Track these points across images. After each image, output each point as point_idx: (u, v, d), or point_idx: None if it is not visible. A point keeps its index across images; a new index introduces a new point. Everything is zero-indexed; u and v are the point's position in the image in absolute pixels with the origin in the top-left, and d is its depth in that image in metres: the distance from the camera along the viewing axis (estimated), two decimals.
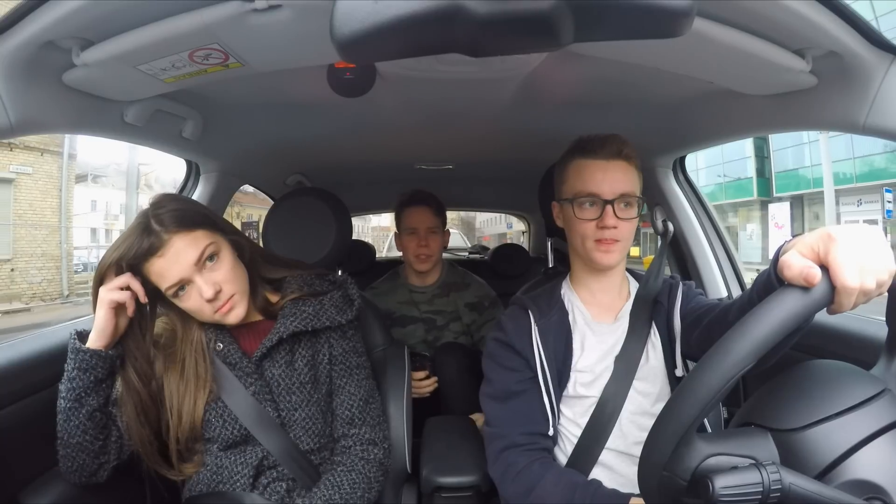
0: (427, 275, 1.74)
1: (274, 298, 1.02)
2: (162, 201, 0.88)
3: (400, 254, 1.80)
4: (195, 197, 1.40)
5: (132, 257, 0.83)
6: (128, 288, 0.85)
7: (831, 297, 0.49)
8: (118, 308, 0.85)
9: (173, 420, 0.91)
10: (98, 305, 0.84)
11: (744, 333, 0.49)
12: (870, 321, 1.01)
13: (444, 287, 1.77)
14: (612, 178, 0.93)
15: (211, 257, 0.87)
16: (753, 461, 0.50)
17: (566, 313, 1.00)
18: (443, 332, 1.74)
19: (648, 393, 0.94)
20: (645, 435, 0.54)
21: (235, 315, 0.90)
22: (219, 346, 0.96)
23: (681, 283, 1.01)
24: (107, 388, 0.87)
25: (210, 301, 0.86)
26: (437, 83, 1.03)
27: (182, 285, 0.86)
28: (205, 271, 0.87)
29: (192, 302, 0.88)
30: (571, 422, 0.96)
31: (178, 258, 0.84)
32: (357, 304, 1.05)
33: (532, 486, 0.86)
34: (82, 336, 0.86)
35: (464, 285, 1.78)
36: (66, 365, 0.84)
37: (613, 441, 0.92)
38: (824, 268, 0.49)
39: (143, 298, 0.86)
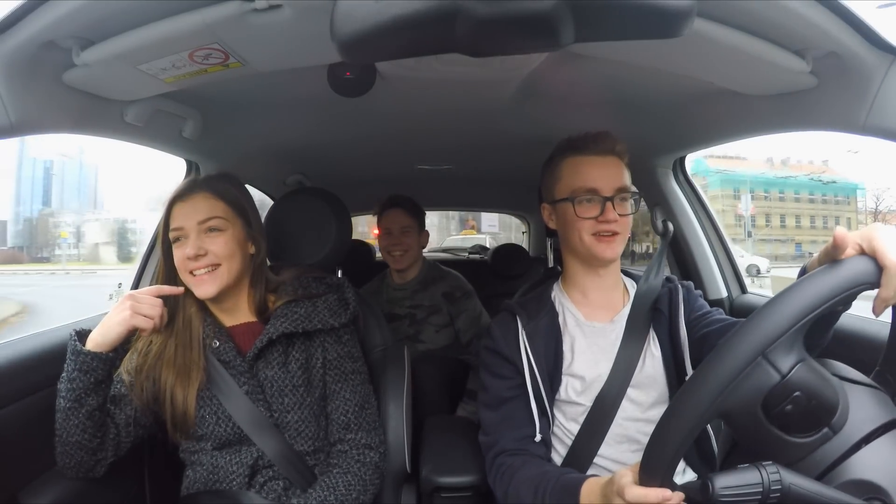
0: (406, 272, 1.83)
1: (272, 301, 1.02)
2: (220, 174, 1.02)
3: None
4: None
5: (173, 195, 0.96)
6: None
7: (876, 277, 0.52)
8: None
9: (167, 409, 0.93)
10: (118, 321, 0.85)
11: (804, 286, 0.52)
12: (870, 321, 1.00)
13: (423, 282, 1.84)
14: (609, 173, 0.93)
15: (213, 229, 0.93)
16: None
17: (556, 315, 0.98)
18: (423, 325, 1.80)
19: (642, 401, 0.93)
20: (637, 444, 0.54)
21: (205, 289, 0.92)
22: (215, 343, 0.96)
23: (680, 287, 0.99)
24: (106, 387, 0.87)
25: (189, 259, 0.91)
26: (437, 83, 1.03)
27: (180, 235, 0.93)
28: (202, 235, 0.93)
29: (178, 253, 0.93)
30: (565, 427, 0.95)
31: (191, 209, 0.93)
32: (352, 308, 1.05)
33: (510, 480, 0.86)
34: (81, 336, 0.86)
35: (440, 277, 1.87)
36: (65, 365, 0.84)
37: (605, 449, 0.91)
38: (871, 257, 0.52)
39: (161, 323, 0.90)
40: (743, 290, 1.53)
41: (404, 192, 1.82)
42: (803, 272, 0.62)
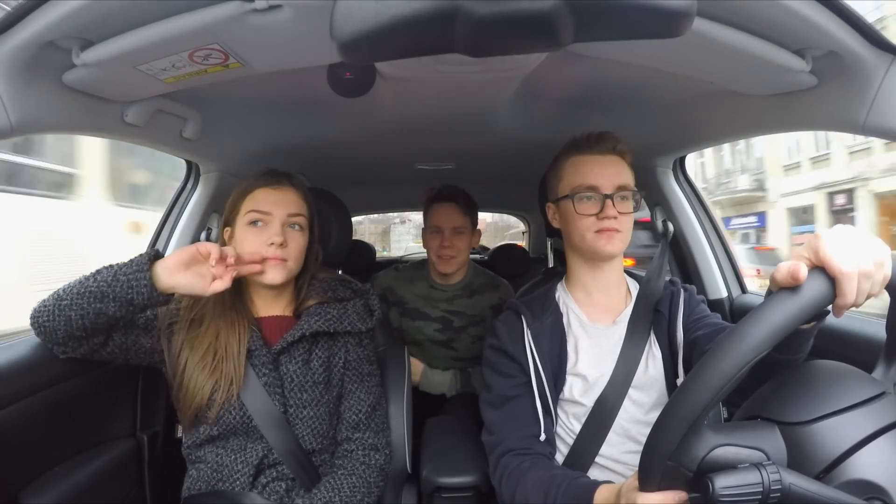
0: (450, 275, 1.65)
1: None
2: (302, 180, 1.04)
3: (401, 254, 1.78)
4: (195, 197, 1.40)
5: (258, 179, 0.98)
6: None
7: (831, 291, 0.49)
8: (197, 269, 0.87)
9: (188, 396, 0.93)
10: (198, 278, 0.86)
11: (741, 336, 0.49)
12: (870, 322, 1.01)
13: (468, 289, 1.68)
14: (609, 171, 0.94)
15: (295, 225, 0.98)
16: (761, 451, 0.51)
17: (560, 315, 0.99)
18: (460, 334, 1.65)
19: (643, 402, 0.93)
20: (638, 445, 0.54)
21: (273, 276, 0.95)
22: None
23: (682, 290, 1.00)
24: (132, 313, 0.86)
25: (270, 245, 0.93)
26: (437, 83, 1.03)
27: (262, 219, 0.95)
28: (286, 227, 0.97)
29: (254, 236, 0.95)
30: (567, 426, 0.95)
31: (281, 199, 0.97)
32: (377, 315, 1.08)
33: (518, 482, 0.86)
34: (157, 256, 0.86)
35: (490, 286, 1.70)
36: (124, 266, 0.84)
37: (607, 448, 0.92)
38: (820, 268, 0.50)
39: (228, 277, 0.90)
40: (743, 289, 1.53)
41: (404, 192, 1.78)
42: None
